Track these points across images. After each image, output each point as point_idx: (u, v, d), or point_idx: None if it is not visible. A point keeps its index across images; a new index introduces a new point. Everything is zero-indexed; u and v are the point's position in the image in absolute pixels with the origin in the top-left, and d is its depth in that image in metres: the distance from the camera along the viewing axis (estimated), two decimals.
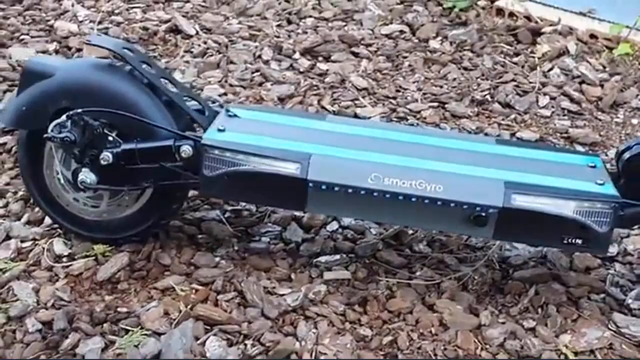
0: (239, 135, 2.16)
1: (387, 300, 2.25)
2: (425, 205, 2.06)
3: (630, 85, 3.48)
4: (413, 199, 2.05)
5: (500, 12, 4.26)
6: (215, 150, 2.10)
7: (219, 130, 2.18)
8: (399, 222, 2.35)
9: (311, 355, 2.06)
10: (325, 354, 2.06)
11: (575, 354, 2.12)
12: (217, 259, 2.35)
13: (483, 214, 2.06)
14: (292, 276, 2.32)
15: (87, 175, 2.16)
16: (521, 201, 2.04)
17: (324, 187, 2.07)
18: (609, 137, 3.18)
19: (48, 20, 3.76)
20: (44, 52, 3.42)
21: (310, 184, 2.06)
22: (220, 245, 2.41)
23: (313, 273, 2.33)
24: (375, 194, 2.06)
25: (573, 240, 2.08)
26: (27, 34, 3.59)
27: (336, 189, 2.07)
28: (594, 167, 2.19)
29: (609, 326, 2.21)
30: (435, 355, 2.06)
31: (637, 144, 2.12)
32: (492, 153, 2.21)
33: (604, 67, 3.63)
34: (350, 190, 2.06)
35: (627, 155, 2.13)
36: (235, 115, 2.27)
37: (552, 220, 2.05)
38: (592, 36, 3.98)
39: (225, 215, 2.51)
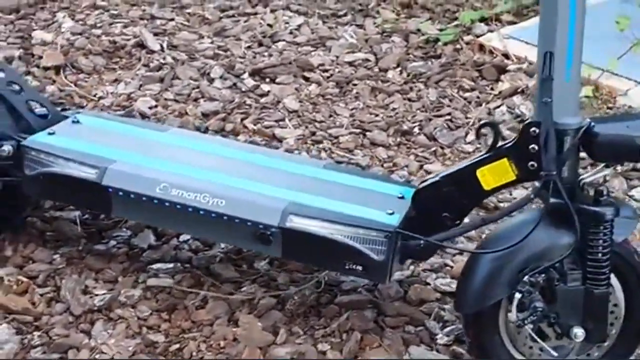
0: (63, 139, 2.29)
1: (195, 311, 2.31)
2: (214, 218, 2.12)
3: None
4: (201, 212, 2.11)
5: (482, 47, 4.21)
6: (32, 151, 2.25)
7: (49, 133, 2.32)
8: (196, 234, 2.41)
9: (90, 352, 2.14)
10: (104, 353, 2.14)
11: None
12: (57, 256, 2.48)
13: (266, 232, 2.09)
14: (119, 279, 2.42)
15: None
16: (297, 223, 2.06)
17: (120, 193, 2.16)
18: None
19: (33, 30, 4.03)
20: (10, 57, 3.68)
21: (110, 190, 2.16)
22: (67, 244, 2.53)
23: (140, 278, 2.42)
24: (167, 204, 2.13)
25: (353, 267, 2.08)
26: (5, 40, 3.87)
27: (132, 196, 2.15)
28: (402, 197, 2.18)
29: (404, 357, 2.18)
30: None
31: (431, 179, 2.10)
32: (297, 174, 2.24)
33: None
34: (144, 199, 2.15)
35: (417, 188, 2.11)
36: (77, 122, 2.41)
37: (332, 245, 2.06)
38: None
39: (84, 217, 2.64)
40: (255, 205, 2.08)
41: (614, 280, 2.01)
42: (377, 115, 3.45)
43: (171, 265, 2.47)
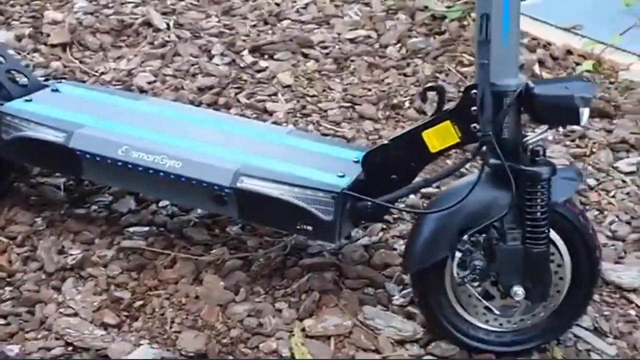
0: (39, 106, 2.41)
1: (163, 270, 2.40)
2: (174, 180, 2.20)
3: None
4: (161, 174, 2.20)
5: None
6: (8, 116, 2.37)
7: (26, 100, 2.44)
8: (159, 196, 2.50)
9: (57, 307, 2.26)
10: (71, 307, 2.26)
11: (308, 337, 2.18)
12: (38, 219, 2.60)
13: (221, 194, 2.17)
14: (96, 241, 2.53)
15: None
16: (248, 183, 2.14)
17: (88, 156, 2.27)
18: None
19: (46, 10, 4.17)
20: (20, 36, 3.82)
21: (77, 152, 2.27)
22: (50, 208, 2.65)
23: (116, 240, 2.52)
24: (130, 166, 2.23)
25: (304, 227, 2.14)
26: (18, 20, 4.02)
27: (98, 159, 2.26)
28: (357, 162, 2.23)
29: (358, 317, 2.23)
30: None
31: (380, 142, 2.15)
32: (257, 139, 2.31)
33: None
34: (109, 161, 2.25)
35: (366, 151, 2.16)
36: (56, 90, 2.52)
37: (283, 206, 2.13)
38: (569, 52, 3.87)
39: (68, 183, 2.75)
40: (209, 167, 2.16)
41: (559, 241, 2.04)
42: (370, 90, 3.50)
43: (146, 228, 2.57)
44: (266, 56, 3.77)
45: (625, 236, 2.62)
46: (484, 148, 1.98)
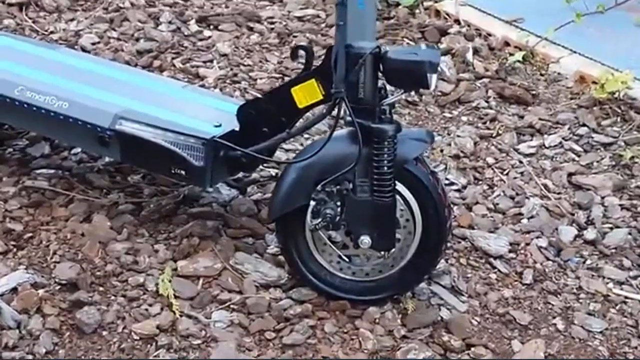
0: None
1: (57, 208, 2.56)
2: (62, 120, 2.36)
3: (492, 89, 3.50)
4: (52, 114, 2.36)
5: (438, 13, 4.34)
6: None
7: None
8: (53, 136, 2.64)
9: None
10: None
11: (179, 276, 2.32)
12: None
13: (104, 136, 2.32)
14: (4, 179, 2.69)
15: None
16: (126, 126, 2.29)
17: None
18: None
19: None
20: None
21: None
22: None
23: (22, 180, 2.68)
24: (25, 105, 2.39)
25: (178, 171, 2.29)
26: None
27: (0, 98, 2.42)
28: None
29: (230, 262, 2.38)
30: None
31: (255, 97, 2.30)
32: (149, 89, 2.46)
33: (486, 70, 3.65)
34: (7, 100, 2.40)
35: (241, 104, 2.30)
36: None
37: (158, 149, 2.28)
38: (506, 43, 3.99)
39: None
40: (91, 109, 2.31)
41: (410, 198, 2.17)
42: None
43: (52, 171, 2.73)
44: (212, 27, 3.91)
45: (506, 210, 2.74)
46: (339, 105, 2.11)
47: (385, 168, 2.09)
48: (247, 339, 2.16)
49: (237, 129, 2.30)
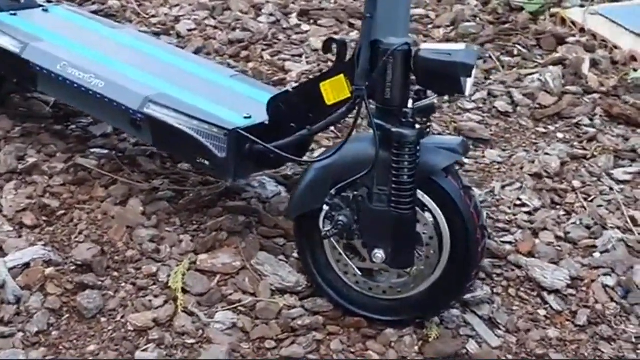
0: (19, 20, 2.60)
1: (98, 189, 2.52)
2: (98, 99, 2.31)
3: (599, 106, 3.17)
4: (90, 92, 2.32)
5: (564, 21, 4.04)
6: None
7: (11, 14, 2.64)
8: (93, 114, 2.59)
9: None
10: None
11: (197, 270, 2.22)
12: (18, 128, 2.80)
13: (136, 118, 2.26)
14: (58, 155, 2.69)
15: None
16: (154, 110, 2.20)
17: (38, 68, 2.42)
18: (508, 140, 2.99)
19: None
20: None
21: (30, 64, 2.44)
22: (32, 120, 2.85)
23: (73, 158, 2.67)
24: (67, 81, 2.37)
25: (202, 161, 2.19)
26: None
27: (44, 72, 2.41)
28: None
29: (252, 261, 2.25)
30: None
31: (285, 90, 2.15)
32: (191, 74, 2.37)
33: (601, 85, 3.33)
34: (52, 75, 2.39)
35: (271, 97, 2.16)
36: (46, 10, 2.71)
37: (183, 136, 2.18)
38: (633, 58, 3.64)
39: (60, 102, 2.94)
40: (123, 89, 2.24)
41: (438, 213, 1.96)
42: None
43: (107, 151, 2.70)
44: (312, 21, 3.80)
45: (578, 240, 2.44)
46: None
47: (406, 177, 1.88)
48: (245, 345, 2.02)
49: (267, 122, 2.16)
